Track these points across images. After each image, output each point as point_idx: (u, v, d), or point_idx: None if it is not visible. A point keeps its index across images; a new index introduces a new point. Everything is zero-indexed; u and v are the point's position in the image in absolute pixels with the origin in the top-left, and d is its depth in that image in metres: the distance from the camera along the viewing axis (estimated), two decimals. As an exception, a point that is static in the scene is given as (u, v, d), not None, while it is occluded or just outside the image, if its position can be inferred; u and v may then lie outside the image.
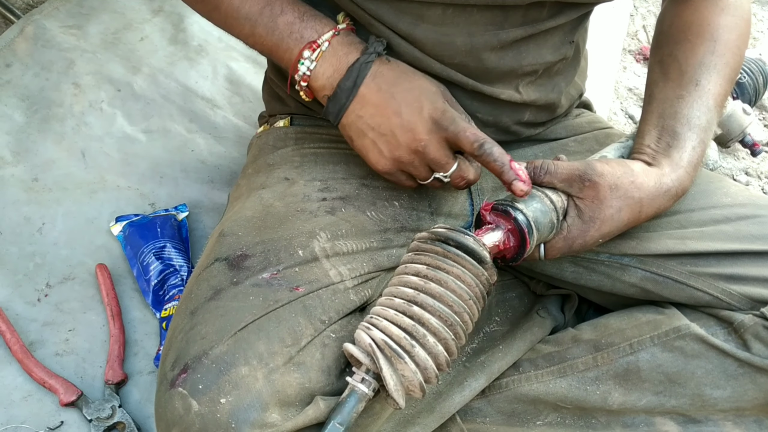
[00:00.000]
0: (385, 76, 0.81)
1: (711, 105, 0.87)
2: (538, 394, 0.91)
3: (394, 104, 0.80)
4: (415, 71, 0.83)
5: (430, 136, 0.80)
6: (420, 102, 0.80)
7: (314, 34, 0.82)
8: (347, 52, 0.82)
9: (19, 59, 1.45)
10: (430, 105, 0.80)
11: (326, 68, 0.82)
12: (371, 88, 0.81)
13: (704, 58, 0.89)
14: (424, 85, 0.81)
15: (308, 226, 0.84)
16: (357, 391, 0.69)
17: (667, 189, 0.83)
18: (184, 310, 0.78)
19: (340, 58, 0.82)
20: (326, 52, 0.82)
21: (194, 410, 0.68)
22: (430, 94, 0.81)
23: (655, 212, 0.83)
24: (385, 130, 0.81)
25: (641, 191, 0.81)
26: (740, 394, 0.85)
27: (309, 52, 0.82)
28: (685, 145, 0.85)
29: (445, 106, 0.80)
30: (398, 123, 0.80)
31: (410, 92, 0.80)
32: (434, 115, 0.79)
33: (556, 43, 0.89)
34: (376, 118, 0.81)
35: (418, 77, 0.82)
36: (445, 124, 0.79)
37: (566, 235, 0.81)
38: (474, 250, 0.73)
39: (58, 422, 0.98)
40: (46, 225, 1.21)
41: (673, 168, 0.84)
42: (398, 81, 0.81)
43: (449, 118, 0.79)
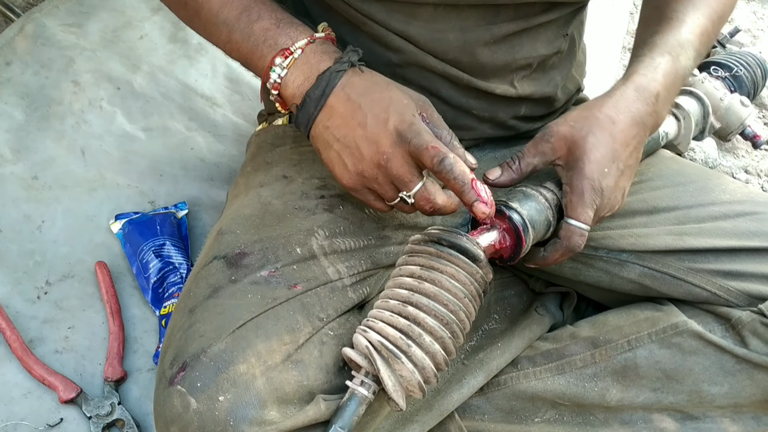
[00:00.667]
0: (356, 86, 0.76)
1: (684, 31, 0.85)
2: (537, 391, 0.92)
3: (360, 115, 0.75)
4: (392, 82, 0.78)
5: (393, 149, 0.73)
6: (387, 113, 0.74)
7: (288, 41, 0.78)
8: (320, 60, 0.77)
9: (18, 57, 1.45)
10: (397, 116, 0.74)
11: (297, 76, 0.77)
12: (340, 98, 0.76)
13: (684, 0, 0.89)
14: (395, 96, 0.75)
15: (306, 224, 0.84)
16: (357, 395, 0.70)
17: (623, 92, 0.81)
18: (182, 308, 0.79)
19: (312, 66, 0.77)
20: (298, 60, 0.77)
21: (193, 408, 0.69)
22: (400, 106, 0.74)
23: (632, 117, 0.80)
24: (350, 142, 0.76)
25: (597, 107, 0.80)
26: (738, 391, 0.85)
27: (281, 59, 0.78)
28: (642, 59, 0.84)
29: (413, 119, 0.74)
30: (362, 135, 0.75)
31: (379, 102, 0.75)
32: (399, 127, 0.73)
33: (549, 37, 0.89)
34: (341, 129, 0.76)
35: (392, 88, 0.77)
36: (408, 137, 0.73)
37: (575, 193, 0.77)
38: (467, 248, 0.73)
39: (57, 419, 0.98)
40: (46, 223, 1.21)
41: (626, 77, 0.83)
42: (368, 91, 0.76)
43: (414, 130, 0.73)
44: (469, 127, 0.92)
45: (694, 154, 1.51)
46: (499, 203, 0.78)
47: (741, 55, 1.62)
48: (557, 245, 0.80)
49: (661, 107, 0.83)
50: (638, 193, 0.94)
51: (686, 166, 0.99)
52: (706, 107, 1.23)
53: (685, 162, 1.02)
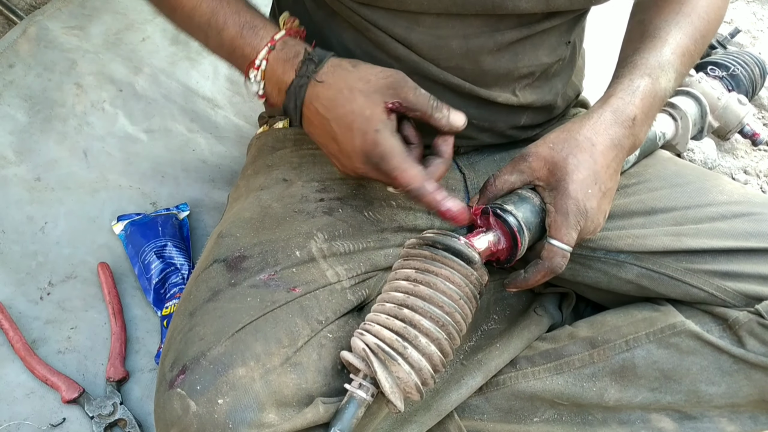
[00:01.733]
0: (321, 98, 0.76)
1: (665, 51, 0.85)
2: (535, 390, 0.92)
3: (332, 131, 0.77)
4: (354, 84, 0.76)
5: (365, 166, 0.76)
6: (351, 131, 0.75)
7: (252, 53, 0.78)
8: (283, 71, 0.77)
9: (21, 60, 1.46)
10: (360, 136, 0.75)
11: (271, 89, 0.79)
12: (311, 110, 0.77)
13: (667, 17, 0.88)
14: (357, 108, 0.75)
15: (305, 227, 0.85)
16: (356, 397, 0.70)
17: (600, 114, 0.81)
18: (183, 311, 0.79)
19: (279, 79, 0.78)
20: (267, 72, 0.78)
21: (192, 411, 0.69)
22: (362, 121, 0.75)
23: (610, 140, 0.80)
24: (331, 150, 0.79)
25: (576, 129, 0.80)
26: (735, 391, 0.85)
27: (254, 72, 0.79)
28: (621, 80, 0.84)
29: (375, 137, 0.74)
30: (337, 149, 0.78)
31: (343, 119, 0.75)
32: (365, 148, 0.75)
33: (552, 44, 0.89)
34: (321, 138, 0.80)
35: (355, 96, 0.75)
36: (374, 161, 0.75)
37: (560, 214, 0.77)
38: (461, 251, 0.74)
39: (60, 419, 0.99)
40: (49, 224, 1.22)
41: (604, 99, 0.83)
42: (333, 104, 0.76)
43: (378, 154, 0.74)
44: (467, 136, 0.92)
45: (693, 155, 1.51)
46: (495, 206, 0.78)
47: (739, 54, 1.62)
48: (539, 266, 0.79)
49: (638, 130, 0.82)
50: (636, 194, 0.94)
51: (684, 167, 0.99)
52: (704, 107, 1.23)
53: (683, 163, 1.02)
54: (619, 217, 0.92)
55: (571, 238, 0.77)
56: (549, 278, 0.80)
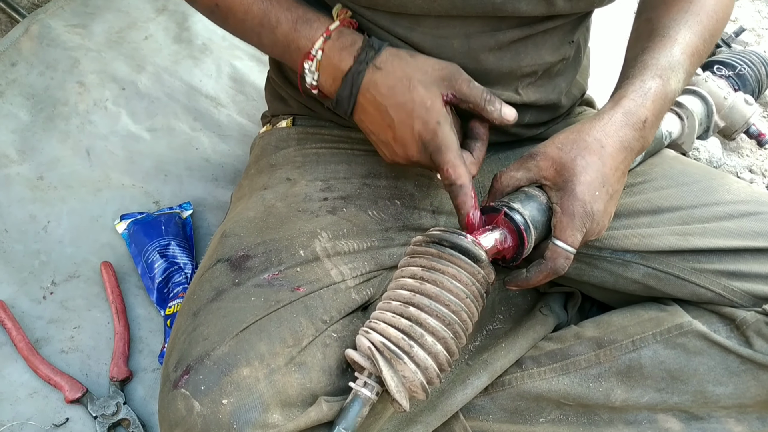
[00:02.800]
0: (379, 86, 0.78)
1: (675, 51, 0.85)
2: (541, 391, 0.92)
3: (388, 118, 0.78)
4: (413, 74, 0.78)
5: (420, 155, 0.79)
6: (411, 119, 0.77)
7: (308, 44, 0.80)
8: (340, 59, 0.79)
9: (24, 58, 1.45)
10: (420, 124, 0.77)
11: (326, 78, 0.81)
12: (367, 98, 0.79)
13: (676, 15, 0.88)
14: (417, 98, 0.77)
15: (310, 226, 0.85)
16: (360, 396, 0.70)
17: (612, 116, 0.80)
18: (187, 311, 0.79)
19: (335, 67, 0.79)
20: (322, 62, 0.80)
21: (196, 411, 0.69)
22: (423, 111, 0.77)
23: (620, 142, 0.79)
24: (383, 138, 0.81)
25: (586, 131, 0.79)
26: (743, 391, 0.85)
27: (309, 63, 0.81)
28: (633, 81, 0.83)
29: (436, 127, 0.77)
30: (392, 137, 0.80)
31: (403, 107, 0.77)
32: (424, 136, 0.77)
33: (555, 44, 0.88)
34: (374, 126, 0.81)
35: (414, 86, 0.77)
36: (430, 149, 0.78)
37: (566, 215, 0.77)
38: (468, 249, 0.73)
39: (63, 419, 0.99)
40: (52, 223, 1.22)
41: (615, 100, 0.82)
42: (392, 92, 0.78)
43: (436, 144, 0.77)
44: None
45: (698, 154, 1.51)
46: (501, 204, 0.78)
47: (745, 53, 1.61)
48: (541, 266, 0.79)
49: (648, 132, 0.82)
50: (642, 193, 0.94)
51: (690, 166, 0.99)
52: (710, 106, 1.23)
53: (689, 162, 1.02)
54: (625, 216, 0.91)
55: (576, 239, 0.77)
56: (551, 279, 0.80)
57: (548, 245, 0.78)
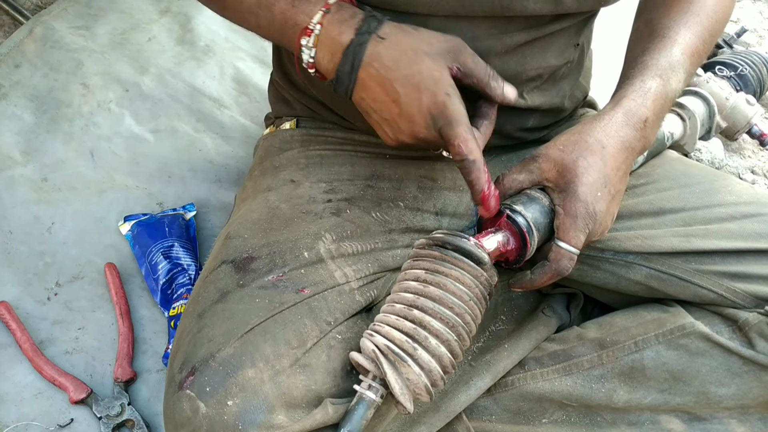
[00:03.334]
0: (383, 58, 0.74)
1: (675, 52, 0.85)
2: (544, 392, 0.92)
3: (393, 92, 0.74)
4: (419, 45, 0.75)
5: (428, 130, 0.75)
6: (419, 92, 0.74)
7: (306, 19, 0.76)
8: (340, 32, 0.75)
9: (28, 60, 1.46)
10: (429, 97, 0.74)
11: (324, 53, 0.76)
12: (370, 73, 0.75)
13: (676, 16, 0.88)
14: (425, 70, 0.74)
15: (313, 228, 0.85)
16: (365, 399, 0.70)
17: (612, 116, 0.80)
18: (191, 313, 0.79)
19: (334, 41, 0.75)
20: (321, 36, 0.76)
21: (202, 412, 0.69)
22: (431, 82, 0.74)
23: (621, 142, 0.79)
24: (387, 115, 0.77)
25: (587, 132, 0.79)
26: (745, 392, 0.85)
27: (306, 39, 0.77)
28: (633, 81, 0.83)
29: (446, 99, 0.74)
30: (398, 112, 0.76)
31: (410, 80, 0.74)
32: (433, 110, 0.74)
33: (560, 47, 0.88)
34: (377, 103, 0.77)
35: (420, 58, 0.74)
36: (440, 123, 0.74)
37: (569, 216, 0.77)
38: (471, 251, 0.73)
39: (68, 419, 0.99)
40: (56, 224, 1.22)
41: (616, 101, 0.82)
42: (397, 65, 0.74)
43: (446, 117, 0.74)
44: None
45: (700, 155, 1.51)
46: (504, 207, 0.78)
47: (746, 54, 1.62)
48: (545, 268, 0.79)
49: (649, 132, 0.82)
50: (644, 195, 0.94)
51: (692, 167, 0.99)
52: (712, 107, 1.23)
53: (691, 163, 1.02)
54: (628, 217, 0.91)
55: (579, 240, 0.77)
56: (555, 280, 0.80)
57: (551, 247, 0.78)
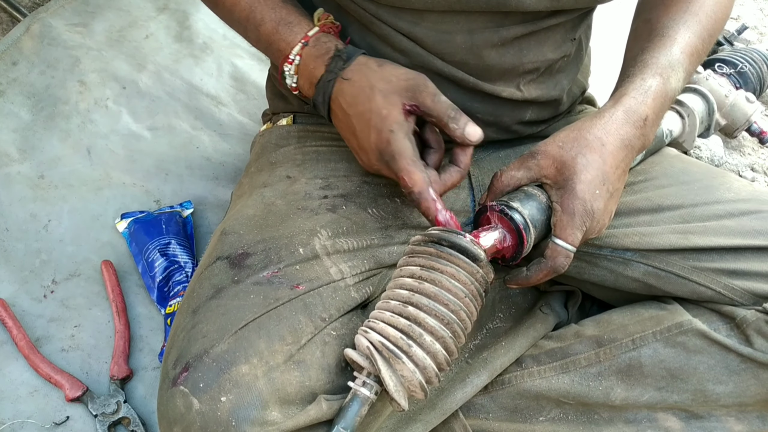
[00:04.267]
0: (345, 94, 0.81)
1: (675, 51, 0.85)
2: (541, 389, 0.92)
3: (352, 126, 0.81)
4: (376, 83, 0.79)
5: (379, 163, 0.80)
6: (368, 129, 0.79)
7: (287, 48, 0.83)
8: (314, 66, 0.82)
9: (25, 57, 1.45)
10: (375, 133, 0.78)
11: (303, 82, 0.84)
12: (337, 105, 0.82)
13: (675, 15, 0.88)
14: (374, 107, 0.78)
15: (309, 224, 0.84)
16: (359, 395, 0.70)
17: (612, 114, 0.80)
18: (186, 309, 0.79)
19: (310, 73, 0.83)
20: (300, 67, 0.83)
21: (195, 408, 0.69)
22: (379, 120, 0.78)
23: (621, 140, 0.79)
24: (351, 145, 0.84)
25: (587, 129, 0.79)
26: (743, 390, 0.85)
27: (288, 66, 0.84)
28: (633, 79, 0.83)
29: (390, 136, 0.77)
30: (356, 144, 0.82)
31: (362, 117, 0.79)
32: (378, 145, 0.79)
33: (557, 41, 0.88)
34: (344, 132, 0.84)
35: (374, 96, 0.79)
36: (386, 158, 0.78)
37: (566, 213, 0.77)
38: (467, 248, 0.73)
39: (63, 417, 0.99)
40: (52, 222, 1.22)
41: (616, 98, 0.82)
42: (355, 101, 0.80)
43: (389, 152, 0.78)
44: None
45: (700, 152, 1.50)
46: (501, 203, 0.78)
47: (746, 51, 1.61)
48: (541, 265, 0.79)
49: (648, 130, 0.82)
50: (643, 192, 0.94)
51: (691, 165, 0.99)
52: (711, 104, 1.23)
53: (690, 160, 1.02)
54: (626, 214, 0.91)
55: (576, 238, 0.77)
56: (551, 277, 0.80)
57: (548, 244, 0.78)
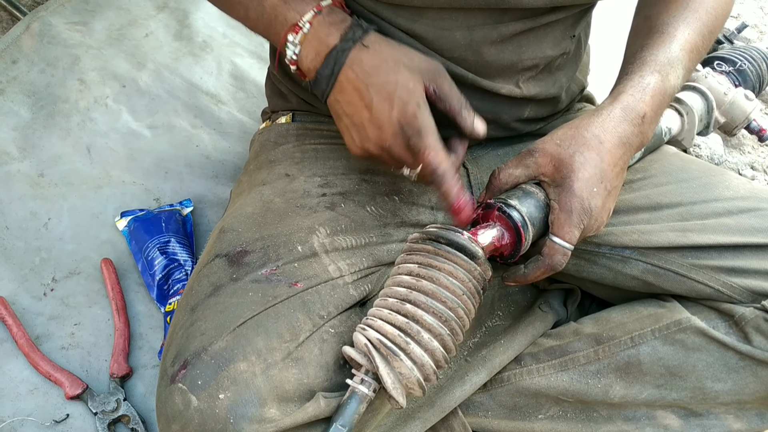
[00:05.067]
0: (364, 64, 0.76)
1: (674, 48, 0.84)
2: (540, 387, 0.92)
3: (367, 97, 0.76)
4: (400, 57, 0.77)
5: (394, 139, 0.76)
6: (391, 100, 0.75)
7: (296, 16, 0.78)
8: (327, 33, 0.77)
9: (25, 56, 1.46)
10: (400, 106, 0.75)
11: (309, 51, 0.78)
12: (348, 76, 0.77)
13: (675, 12, 0.88)
14: (401, 80, 0.76)
15: (308, 222, 0.85)
16: (358, 393, 0.70)
17: (610, 111, 0.80)
18: (184, 306, 0.79)
19: (321, 41, 0.77)
20: (308, 35, 0.78)
21: (193, 406, 0.69)
22: (405, 92, 0.75)
23: (618, 138, 0.79)
24: (357, 120, 0.78)
25: (584, 126, 0.79)
26: (741, 387, 0.85)
27: (293, 36, 0.78)
28: (631, 77, 0.83)
29: (416, 110, 0.75)
30: (368, 118, 0.77)
31: (384, 87, 0.75)
32: (402, 119, 0.75)
33: (556, 38, 0.88)
34: (350, 106, 0.78)
35: (400, 68, 0.76)
36: (408, 133, 0.76)
37: (564, 211, 0.77)
38: (465, 246, 0.73)
39: (63, 415, 0.99)
40: (52, 220, 1.22)
41: (614, 96, 0.82)
42: (376, 71, 0.76)
43: (415, 127, 0.75)
44: None
45: (699, 151, 1.50)
46: (499, 201, 0.78)
47: (745, 49, 1.61)
48: (539, 262, 0.79)
49: (647, 128, 0.82)
50: (641, 190, 0.94)
51: (690, 162, 0.98)
52: (710, 102, 1.23)
53: (689, 158, 1.01)
54: (625, 212, 0.91)
55: (574, 236, 0.77)
56: (549, 275, 0.80)
57: (546, 242, 0.78)
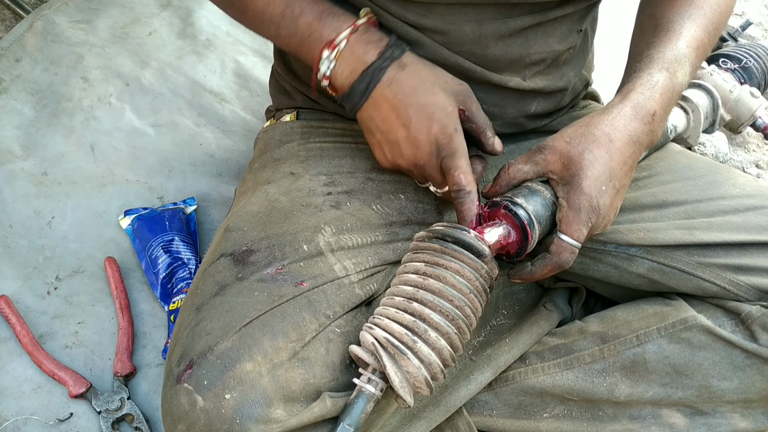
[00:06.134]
0: (402, 84, 0.79)
1: (681, 45, 0.84)
2: (545, 386, 0.91)
3: (405, 116, 0.79)
4: (436, 79, 0.81)
5: (429, 158, 0.80)
6: (431, 121, 0.79)
7: (332, 33, 0.80)
8: (365, 51, 0.80)
9: (28, 54, 1.45)
10: (439, 127, 0.79)
11: (345, 68, 0.81)
12: (386, 95, 0.80)
13: (680, 9, 0.88)
14: (440, 102, 0.79)
15: (313, 221, 0.84)
16: (365, 392, 0.70)
17: (620, 109, 0.80)
18: (190, 306, 0.79)
19: (358, 58, 0.80)
20: (344, 51, 0.80)
21: (199, 406, 0.69)
22: (443, 115, 0.79)
23: (629, 136, 0.79)
24: (392, 137, 0.81)
25: (594, 124, 0.79)
26: (747, 386, 0.84)
27: (328, 52, 0.80)
28: (640, 75, 0.83)
29: (453, 134, 0.79)
30: (404, 136, 0.80)
31: (424, 108, 0.79)
32: (440, 140, 0.79)
33: (564, 32, 0.88)
34: (385, 123, 0.81)
35: (437, 91, 0.80)
36: (444, 153, 0.79)
37: (572, 209, 0.77)
38: (471, 244, 0.73)
39: (67, 414, 0.99)
40: (56, 218, 1.22)
41: (624, 94, 0.82)
42: (415, 92, 0.79)
43: (451, 149, 0.79)
44: None
45: (704, 149, 1.50)
46: (505, 199, 0.78)
47: (751, 46, 1.61)
48: (546, 260, 0.79)
49: (657, 126, 0.82)
50: (647, 188, 0.93)
51: (695, 160, 0.98)
52: (716, 100, 1.22)
53: (695, 156, 1.01)
54: (630, 210, 0.91)
55: (582, 234, 0.77)
56: (556, 273, 0.80)
57: (553, 239, 0.78)
